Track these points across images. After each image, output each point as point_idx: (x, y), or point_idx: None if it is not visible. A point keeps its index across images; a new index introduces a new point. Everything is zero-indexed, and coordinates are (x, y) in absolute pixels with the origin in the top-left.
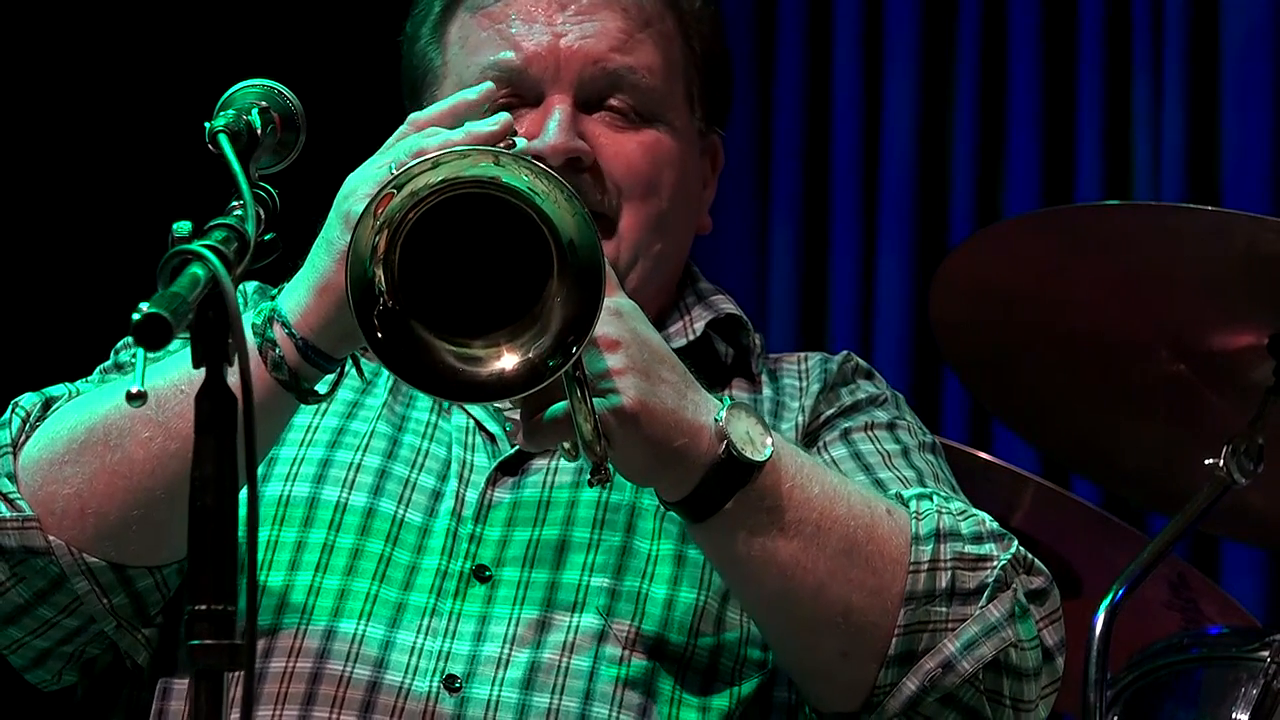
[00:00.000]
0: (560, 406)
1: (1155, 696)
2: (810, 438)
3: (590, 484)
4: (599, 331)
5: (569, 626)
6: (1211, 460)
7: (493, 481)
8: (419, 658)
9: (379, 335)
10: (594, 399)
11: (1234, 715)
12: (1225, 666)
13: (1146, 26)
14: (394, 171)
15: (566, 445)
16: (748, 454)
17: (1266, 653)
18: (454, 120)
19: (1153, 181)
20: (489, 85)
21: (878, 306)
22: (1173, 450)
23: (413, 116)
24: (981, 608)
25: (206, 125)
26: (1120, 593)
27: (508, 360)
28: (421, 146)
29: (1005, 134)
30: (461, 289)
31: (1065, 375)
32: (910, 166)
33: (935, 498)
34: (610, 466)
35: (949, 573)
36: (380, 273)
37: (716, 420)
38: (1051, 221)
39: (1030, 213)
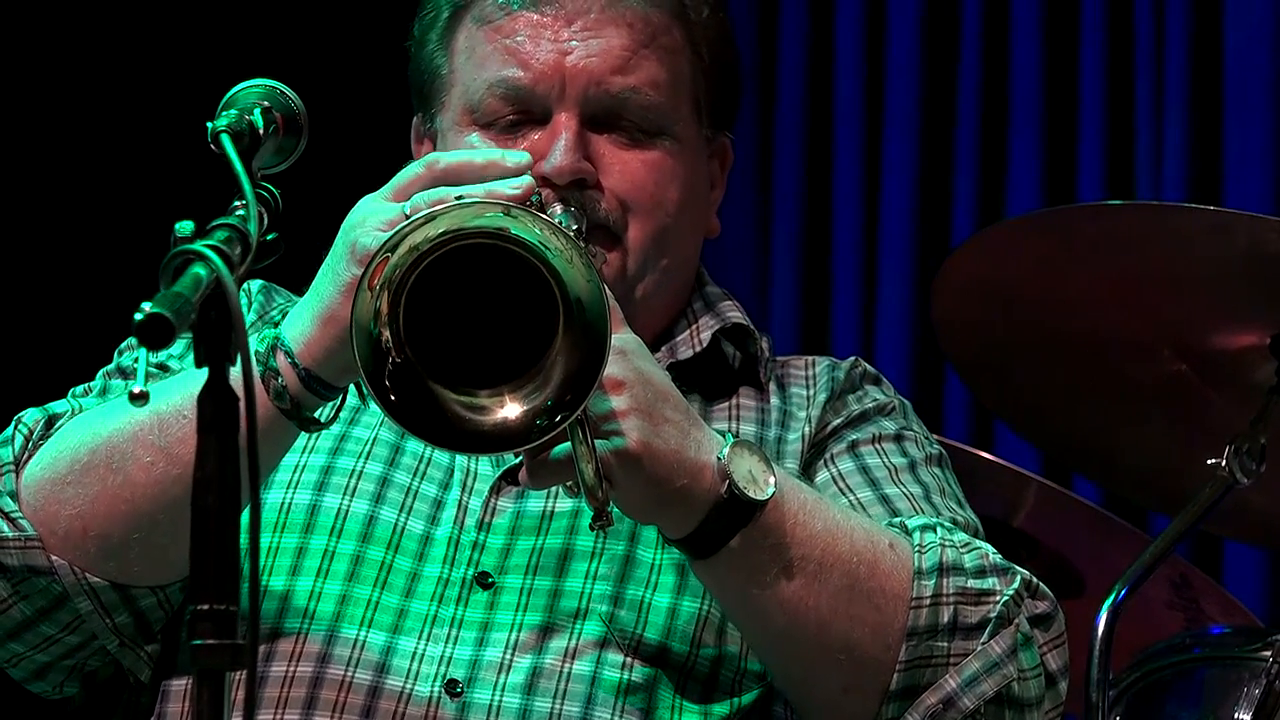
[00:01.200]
0: (563, 448)
1: (1157, 696)
2: (817, 448)
3: (591, 528)
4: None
5: (571, 633)
6: (1214, 460)
7: (496, 490)
8: (421, 663)
9: (392, 398)
10: (596, 441)
11: (1236, 715)
12: (1227, 666)
13: (1149, 26)
14: (406, 212)
15: (568, 484)
16: (750, 493)
17: (1269, 653)
18: (479, 175)
19: (1154, 181)
20: (525, 158)
21: (880, 306)
22: (1174, 450)
23: (432, 158)
24: (984, 643)
25: (209, 125)
26: (1122, 593)
27: (511, 410)
28: (442, 200)
29: (1007, 134)
30: (468, 338)
31: (1067, 375)
32: (912, 166)
33: (939, 529)
34: (612, 507)
35: (951, 608)
36: (386, 331)
37: (719, 459)
38: (1053, 221)
39: (1032, 213)
